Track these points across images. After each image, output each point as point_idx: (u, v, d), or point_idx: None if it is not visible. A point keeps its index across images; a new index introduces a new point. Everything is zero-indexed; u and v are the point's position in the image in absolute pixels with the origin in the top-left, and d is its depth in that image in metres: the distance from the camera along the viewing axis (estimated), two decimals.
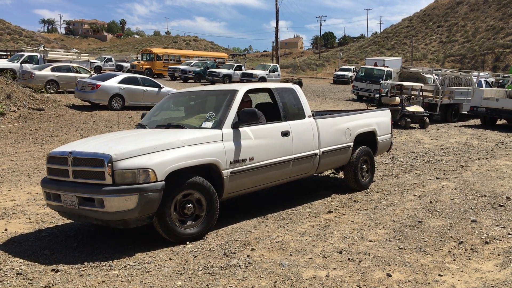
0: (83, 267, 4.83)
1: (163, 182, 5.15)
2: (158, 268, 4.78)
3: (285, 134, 6.61)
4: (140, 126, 6.73)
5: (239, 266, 4.77)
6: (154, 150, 5.26)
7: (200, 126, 6.07)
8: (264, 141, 6.30)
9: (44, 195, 5.78)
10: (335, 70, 51.90)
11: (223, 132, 5.90)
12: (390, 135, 8.81)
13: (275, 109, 6.90)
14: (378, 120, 8.50)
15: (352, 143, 7.76)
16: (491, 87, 22.63)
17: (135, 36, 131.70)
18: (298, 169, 6.92)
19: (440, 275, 4.48)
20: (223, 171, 5.75)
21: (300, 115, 7.05)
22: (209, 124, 6.03)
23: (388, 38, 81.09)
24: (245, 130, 6.12)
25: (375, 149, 8.41)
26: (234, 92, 6.44)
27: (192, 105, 7.29)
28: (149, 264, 4.87)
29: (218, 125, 5.98)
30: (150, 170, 5.07)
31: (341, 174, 8.63)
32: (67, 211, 5.53)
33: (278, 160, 6.46)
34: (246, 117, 6.04)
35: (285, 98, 7.01)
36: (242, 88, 6.58)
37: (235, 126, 6.05)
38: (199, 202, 5.57)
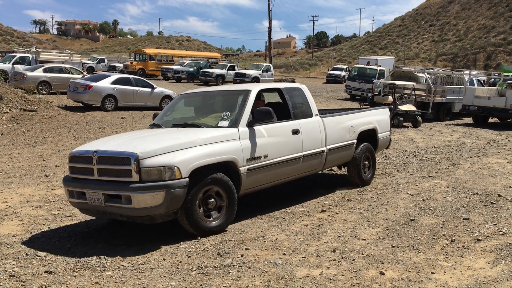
0: (76, 269, 4.81)
1: (187, 179, 5.37)
2: (152, 268, 4.77)
3: (295, 132, 6.86)
4: (155, 125, 6.95)
5: (233, 265, 4.78)
6: (178, 148, 5.49)
7: (217, 125, 6.32)
8: (276, 139, 6.56)
9: (67, 193, 5.92)
10: (328, 70, 51.94)
11: (239, 130, 6.15)
12: (389, 132, 9.14)
13: (285, 108, 7.12)
14: (379, 118, 8.83)
15: (355, 140, 8.03)
16: (483, 86, 22.78)
17: (128, 36, 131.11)
18: (307, 165, 7.19)
19: (432, 273, 4.51)
20: (240, 168, 5.99)
21: (308, 114, 7.31)
22: (225, 123, 6.28)
23: (381, 37, 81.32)
24: (259, 128, 6.36)
25: (376, 146, 8.70)
26: (248, 92, 6.68)
27: (204, 105, 7.46)
28: (142, 265, 4.87)
29: (234, 124, 6.23)
30: (175, 168, 5.29)
31: (342, 170, 8.76)
32: (91, 208, 5.69)
33: (289, 157, 6.72)
34: (261, 116, 6.29)
35: (294, 97, 7.28)
36: (255, 88, 6.82)
37: (250, 124, 6.29)
38: (219, 197, 5.81)
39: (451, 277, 4.42)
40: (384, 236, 5.59)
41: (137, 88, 19.16)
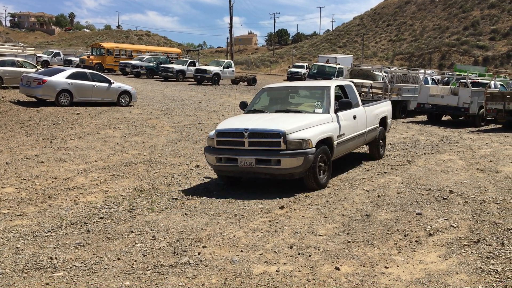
0: (26, 269, 4.64)
1: (315, 148, 7.54)
2: (105, 268, 4.66)
3: (354, 117, 9.16)
4: (256, 111, 8.89)
5: (190, 264, 4.73)
6: (305, 127, 7.67)
7: (314, 111, 8.48)
8: (347, 122, 8.79)
9: (214, 159, 7.79)
10: (289, 67, 52.27)
11: (331, 115, 8.38)
12: (391, 119, 11.75)
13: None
14: (388, 108, 11.43)
15: (378, 125, 10.47)
16: (437, 85, 23.48)
17: (85, 30, 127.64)
18: (358, 142, 9.56)
19: (386, 267, 4.61)
20: (334, 142, 8.23)
21: (357, 104, 9.63)
22: (320, 110, 8.50)
23: (340, 36, 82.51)
24: (339, 114, 8.59)
25: (385, 129, 11.14)
26: (329, 87, 8.93)
27: (288, 96, 9.50)
28: (96, 265, 4.74)
29: (327, 110, 8.47)
30: (308, 140, 7.46)
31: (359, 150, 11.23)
32: (239, 169, 7.61)
33: (352, 135, 9.04)
34: (344, 105, 8.63)
35: (350, 92, 9.61)
36: (332, 84, 9.14)
37: (335, 111, 8.52)
38: (324, 162, 7.93)
39: (403, 271, 4.52)
40: (340, 231, 5.67)
41: (93, 83, 18.63)
